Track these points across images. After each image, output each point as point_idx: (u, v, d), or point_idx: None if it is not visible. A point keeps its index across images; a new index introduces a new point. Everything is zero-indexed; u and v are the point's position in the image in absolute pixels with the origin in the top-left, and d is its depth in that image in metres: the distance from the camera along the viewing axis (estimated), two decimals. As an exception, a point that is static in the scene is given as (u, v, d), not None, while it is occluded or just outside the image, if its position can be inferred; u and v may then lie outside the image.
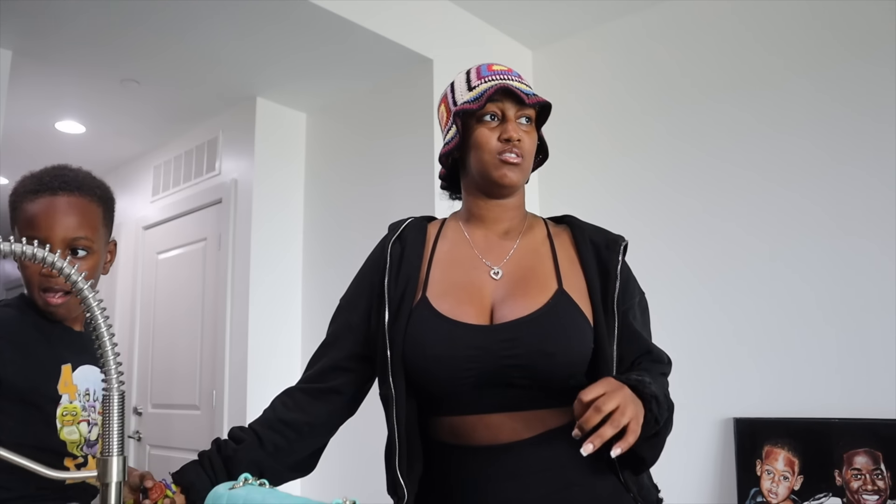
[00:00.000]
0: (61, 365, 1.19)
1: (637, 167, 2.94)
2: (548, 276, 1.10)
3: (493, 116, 1.11)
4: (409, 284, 1.11)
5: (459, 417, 1.06)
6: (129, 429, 3.85)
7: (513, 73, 1.14)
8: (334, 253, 3.27)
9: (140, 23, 2.69)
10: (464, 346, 1.04)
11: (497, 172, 1.11)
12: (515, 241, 1.16)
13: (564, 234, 1.19)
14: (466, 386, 1.04)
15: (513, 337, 1.03)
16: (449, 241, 1.18)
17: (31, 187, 1.17)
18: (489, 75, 1.13)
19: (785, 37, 2.62)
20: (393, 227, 1.22)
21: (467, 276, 1.12)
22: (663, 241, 2.79)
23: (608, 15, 3.09)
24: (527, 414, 1.04)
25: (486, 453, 1.04)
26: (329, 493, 3.02)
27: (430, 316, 1.07)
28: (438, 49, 2.97)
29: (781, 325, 2.48)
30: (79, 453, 1.20)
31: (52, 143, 3.89)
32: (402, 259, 1.14)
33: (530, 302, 1.06)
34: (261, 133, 3.39)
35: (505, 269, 1.12)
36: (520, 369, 1.02)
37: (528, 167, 1.14)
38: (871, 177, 2.37)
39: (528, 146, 1.12)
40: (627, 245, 1.16)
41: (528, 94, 1.10)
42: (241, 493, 0.88)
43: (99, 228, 1.23)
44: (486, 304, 1.08)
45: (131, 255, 4.08)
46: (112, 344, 0.73)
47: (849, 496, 2.23)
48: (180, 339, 3.66)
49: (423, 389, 1.08)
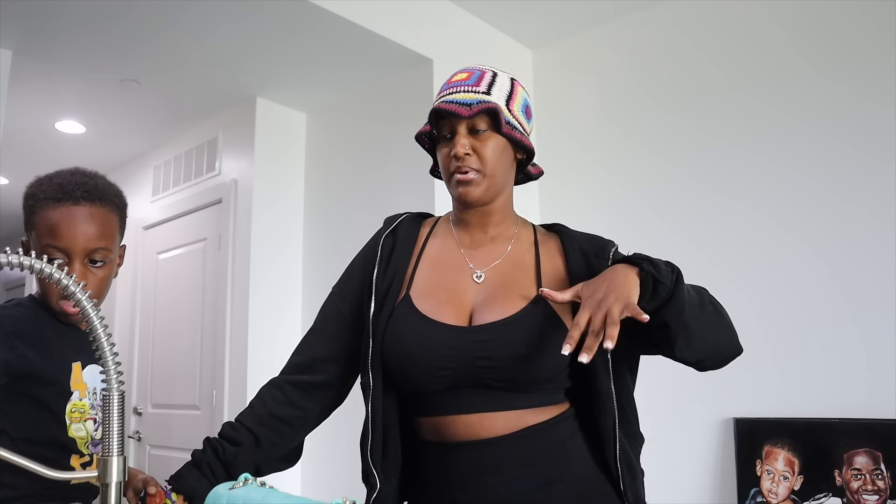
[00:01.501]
0: (72, 363, 1.21)
1: (637, 167, 2.94)
2: (529, 283, 1.11)
3: (445, 134, 1.11)
4: (395, 280, 1.13)
5: (439, 417, 1.07)
6: (129, 429, 3.86)
7: (469, 80, 1.12)
8: (334, 253, 3.27)
9: (140, 23, 2.69)
10: (439, 346, 1.05)
11: (456, 192, 1.12)
12: (503, 247, 1.16)
13: (552, 242, 1.19)
14: (441, 385, 1.05)
15: (487, 339, 1.04)
16: (438, 242, 1.19)
17: (53, 194, 1.19)
18: (444, 90, 1.13)
19: (784, 36, 2.62)
20: (388, 220, 1.23)
21: (451, 277, 1.13)
22: (660, 243, 2.79)
23: (608, 15, 3.09)
24: (504, 413, 1.04)
25: (465, 449, 1.05)
26: (329, 493, 3.03)
27: (411, 314, 1.09)
28: (438, 49, 2.97)
29: (781, 325, 2.48)
30: (86, 451, 1.22)
31: (52, 143, 3.89)
32: (392, 254, 1.16)
33: (508, 306, 1.07)
34: (261, 133, 3.39)
35: (488, 274, 1.13)
36: (494, 371, 1.03)
37: (493, 175, 1.10)
38: (872, 177, 2.37)
39: (487, 154, 1.09)
40: (617, 249, 1.16)
41: (471, 103, 1.08)
42: (240, 493, 0.89)
43: (116, 237, 1.26)
44: (466, 306, 1.10)
45: (131, 255, 4.07)
46: (110, 344, 0.74)
47: (849, 496, 2.23)
48: (180, 339, 3.66)
49: (400, 386, 1.10)
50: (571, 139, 3.14)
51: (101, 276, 1.21)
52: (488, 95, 1.10)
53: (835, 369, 2.36)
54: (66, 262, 1.17)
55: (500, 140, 1.11)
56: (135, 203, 4.15)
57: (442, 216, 1.26)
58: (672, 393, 2.66)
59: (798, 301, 2.46)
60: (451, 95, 1.10)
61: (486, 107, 1.08)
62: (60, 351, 1.20)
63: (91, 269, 1.19)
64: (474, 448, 1.04)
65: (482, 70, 1.15)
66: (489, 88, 1.12)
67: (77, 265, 1.18)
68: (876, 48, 2.41)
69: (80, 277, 1.17)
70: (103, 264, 1.21)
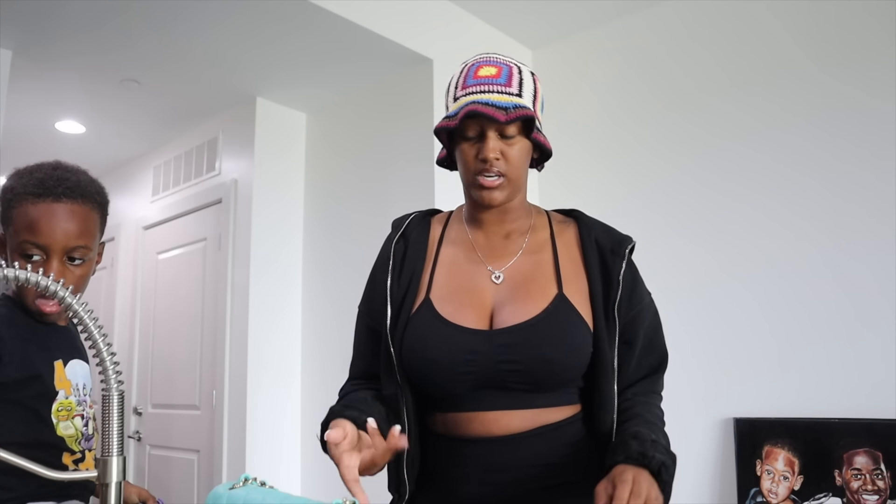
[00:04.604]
0: (54, 362, 1.20)
1: (638, 167, 2.94)
2: (548, 281, 1.09)
3: (472, 134, 1.07)
4: (412, 285, 1.11)
5: (455, 414, 1.07)
6: (129, 429, 3.86)
7: (500, 77, 1.08)
8: (334, 253, 3.27)
9: (140, 23, 2.69)
10: (461, 351, 1.04)
11: (478, 195, 1.09)
12: (518, 243, 1.15)
13: (570, 231, 1.17)
14: (464, 388, 1.05)
15: (510, 343, 1.03)
16: (453, 243, 1.17)
17: (33, 189, 1.17)
18: (472, 85, 1.08)
19: (785, 35, 2.62)
20: (396, 224, 1.20)
21: (470, 279, 1.11)
22: (662, 244, 2.79)
23: (608, 15, 3.09)
24: (522, 412, 1.04)
25: (480, 445, 1.04)
26: (329, 493, 3.02)
27: (432, 319, 1.07)
28: (438, 49, 2.97)
29: (782, 325, 2.48)
30: (76, 448, 1.21)
31: (52, 143, 3.89)
32: (405, 259, 1.14)
33: (530, 307, 1.06)
34: (261, 133, 3.39)
35: (506, 274, 1.11)
36: (517, 374, 1.03)
37: (517, 180, 1.10)
38: (874, 176, 2.37)
39: (515, 159, 1.08)
40: (634, 246, 1.14)
41: (507, 107, 1.04)
42: (240, 493, 0.88)
43: (96, 235, 1.24)
44: (486, 308, 1.08)
45: (131, 255, 4.08)
46: (106, 344, 0.74)
47: (849, 496, 2.23)
48: (180, 339, 3.66)
49: (420, 387, 1.09)
50: (571, 139, 3.14)
51: (79, 274, 1.19)
52: (521, 98, 1.08)
53: (835, 369, 2.36)
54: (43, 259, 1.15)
55: (526, 144, 1.10)
56: (135, 203, 4.16)
57: (453, 212, 1.23)
58: (672, 393, 2.65)
59: (798, 301, 2.46)
60: (484, 95, 1.06)
61: (523, 114, 1.04)
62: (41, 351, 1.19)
63: (69, 266, 1.17)
64: (488, 444, 1.04)
65: (507, 65, 1.11)
66: (520, 90, 1.09)
67: (55, 263, 1.15)
68: (877, 47, 2.41)
69: (58, 276, 1.15)
70: (82, 262, 1.19)
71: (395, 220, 1.22)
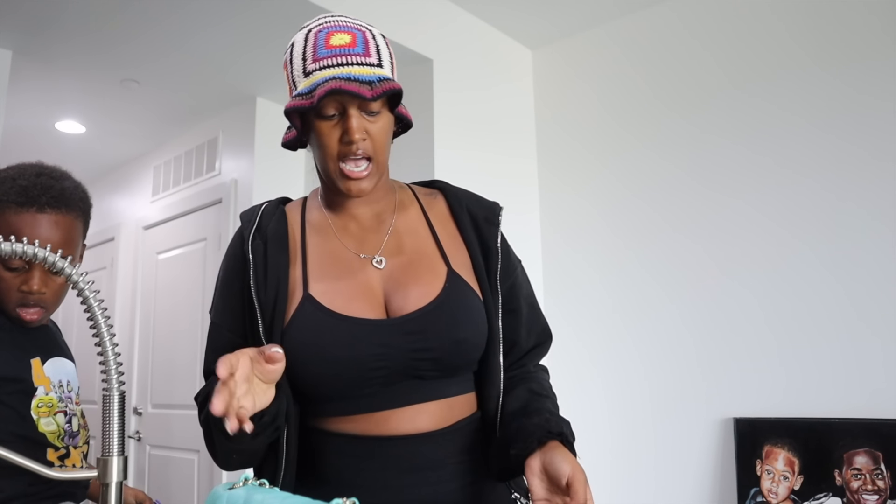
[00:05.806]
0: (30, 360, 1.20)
1: (638, 166, 2.94)
2: (434, 258, 1.02)
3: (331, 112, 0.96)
4: (282, 285, 0.98)
5: (361, 415, 0.97)
6: (130, 429, 3.86)
7: (356, 46, 0.96)
8: (334, 253, 3.26)
9: (140, 23, 2.69)
10: (369, 345, 0.94)
11: (345, 186, 0.98)
12: (388, 222, 1.06)
13: (439, 203, 1.11)
14: (374, 386, 0.95)
15: (420, 329, 0.95)
16: (317, 232, 1.05)
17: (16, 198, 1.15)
18: (326, 57, 0.95)
19: (785, 36, 2.62)
20: (245, 217, 1.06)
21: (349, 268, 1.01)
22: (662, 243, 2.79)
23: (608, 15, 3.09)
24: (438, 403, 0.98)
25: (399, 444, 0.96)
26: (329, 493, 3.02)
27: (323, 316, 0.95)
28: (438, 49, 2.97)
29: (782, 324, 2.48)
30: (59, 444, 1.21)
31: (52, 143, 3.89)
32: (267, 257, 1.00)
33: (426, 289, 0.98)
34: (261, 133, 3.39)
35: (388, 257, 1.02)
36: (432, 362, 0.96)
37: (384, 162, 1.01)
38: (875, 176, 2.37)
39: (380, 137, 0.98)
40: (502, 211, 1.09)
41: (371, 80, 0.93)
42: (240, 493, 0.88)
43: (79, 244, 1.24)
44: (377, 296, 0.99)
45: (131, 255, 4.08)
46: (113, 344, 0.74)
47: (849, 496, 2.23)
48: (180, 339, 3.66)
49: (314, 393, 0.98)
50: (571, 139, 3.14)
51: (61, 282, 1.19)
52: (381, 68, 0.97)
53: (835, 369, 2.36)
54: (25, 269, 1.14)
55: (390, 119, 1.01)
56: (135, 203, 4.16)
57: (307, 198, 1.12)
58: (672, 393, 2.66)
59: (798, 300, 2.46)
60: (344, 69, 0.94)
61: (389, 87, 0.94)
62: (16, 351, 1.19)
63: (51, 276, 1.16)
64: (404, 443, 0.95)
65: (360, 29, 0.99)
66: (380, 58, 0.98)
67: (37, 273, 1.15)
68: (877, 47, 2.41)
69: (41, 286, 1.15)
70: None
71: (242, 213, 1.07)
